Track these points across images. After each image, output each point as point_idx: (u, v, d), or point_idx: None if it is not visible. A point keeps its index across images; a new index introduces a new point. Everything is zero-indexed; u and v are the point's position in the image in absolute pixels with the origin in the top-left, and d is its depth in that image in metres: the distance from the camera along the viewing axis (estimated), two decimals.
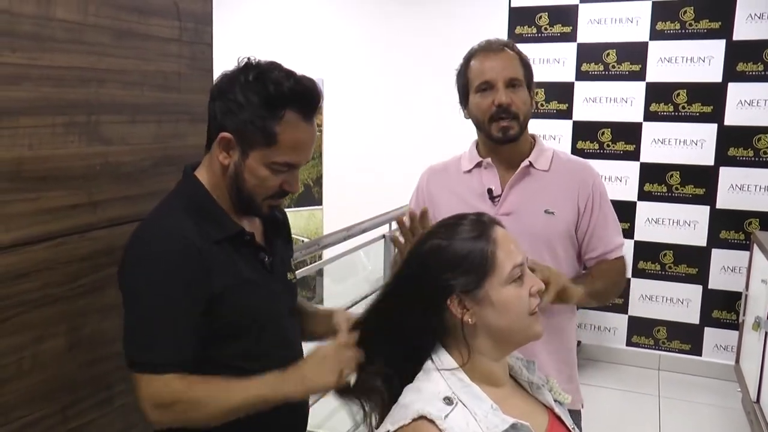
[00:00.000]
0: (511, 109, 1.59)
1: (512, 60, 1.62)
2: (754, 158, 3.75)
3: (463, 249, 1.07)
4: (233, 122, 1.18)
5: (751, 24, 3.67)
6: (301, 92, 1.17)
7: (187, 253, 1.16)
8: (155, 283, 1.15)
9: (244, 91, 1.16)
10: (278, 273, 1.33)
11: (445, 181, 1.74)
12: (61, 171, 1.26)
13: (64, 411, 1.30)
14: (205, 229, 1.20)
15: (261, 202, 1.24)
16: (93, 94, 1.32)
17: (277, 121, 1.15)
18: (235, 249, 1.23)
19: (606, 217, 1.68)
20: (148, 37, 1.45)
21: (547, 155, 1.68)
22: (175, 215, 1.20)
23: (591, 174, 1.69)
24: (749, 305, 3.51)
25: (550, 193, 1.63)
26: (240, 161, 1.19)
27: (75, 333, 1.32)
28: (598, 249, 1.67)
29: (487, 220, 1.12)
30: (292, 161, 1.20)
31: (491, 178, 1.67)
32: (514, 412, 1.07)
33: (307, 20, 4.73)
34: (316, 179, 4.95)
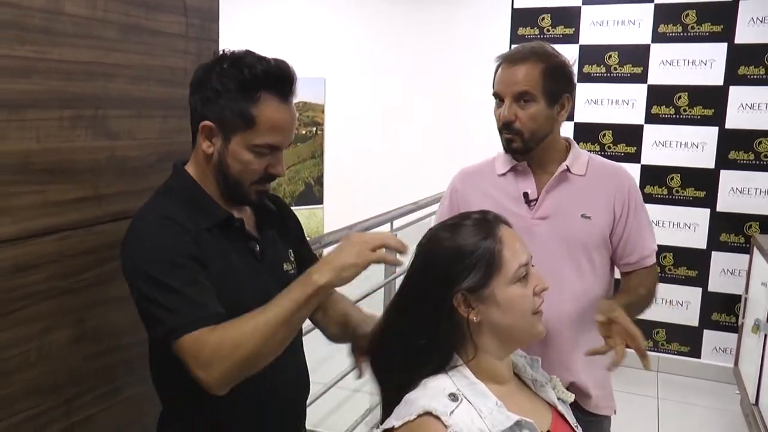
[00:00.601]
0: (514, 125, 1.57)
1: (529, 72, 1.55)
2: (754, 161, 3.76)
3: (470, 248, 1.08)
4: (212, 110, 1.20)
5: (753, 28, 3.68)
6: (274, 74, 1.19)
7: (181, 232, 1.18)
8: (159, 258, 1.14)
9: (220, 78, 1.19)
10: (269, 262, 1.33)
11: (480, 183, 1.72)
12: (67, 164, 1.27)
13: (69, 403, 1.31)
14: (195, 217, 1.21)
15: (248, 188, 1.25)
16: (100, 89, 1.33)
17: (253, 103, 1.18)
18: (224, 236, 1.25)
19: (641, 222, 1.66)
20: (155, 33, 1.45)
21: (582, 160, 1.66)
22: (165, 204, 1.22)
23: (627, 178, 1.67)
24: (749, 308, 3.52)
25: (587, 198, 1.62)
26: (223, 147, 1.21)
27: (80, 325, 1.32)
28: (635, 254, 1.65)
29: (493, 219, 1.12)
30: (273, 142, 1.21)
31: (527, 182, 1.64)
32: (518, 410, 1.08)
33: (310, 20, 4.74)
34: (317, 178, 4.96)
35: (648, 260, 1.66)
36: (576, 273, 1.60)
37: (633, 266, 1.66)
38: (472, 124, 4.36)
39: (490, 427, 1.03)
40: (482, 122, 4.40)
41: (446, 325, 1.08)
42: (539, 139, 1.59)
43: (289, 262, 1.40)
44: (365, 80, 4.68)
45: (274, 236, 1.37)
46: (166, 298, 1.12)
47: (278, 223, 1.39)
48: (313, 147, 4.93)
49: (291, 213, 1.48)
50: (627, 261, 1.66)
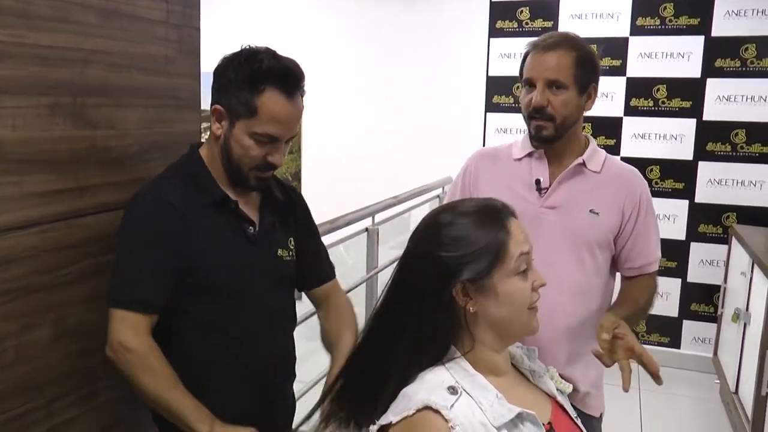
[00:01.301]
0: (546, 110, 1.55)
1: (561, 59, 1.55)
2: (731, 153, 3.80)
3: (477, 237, 1.04)
4: (224, 97, 1.32)
5: (729, 21, 3.71)
6: (279, 71, 1.30)
7: (168, 215, 1.28)
8: (135, 236, 1.28)
9: (235, 70, 1.31)
10: (263, 247, 1.40)
11: (494, 166, 1.71)
12: (46, 154, 1.22)
13: (50, 404, 1.25)
14: (193, 194, 1.32)
15: (247, 172, 1.34)
16: (79, 75, 1.27)
17: (257, 95, 1.28)
18: (220, 215, 1.35)
19: (649, 228, 1.65)
20: (135, 18, 1.40)
21: (599, 157, 1.65)
22: (167, 182, 1.33)
23: (641, 182, 1.67)
24: (728, 298, 3.56)
25: (598, 195, 1.60)
26: (228, 131, 1.33)
27: (61, 323, 1.27)
28: (639, 260, 1.64)
29: (502, 208, 1.09)
30: (272, 132, 1.31)
31: (541, 170, 1.63)
32: (518, 401, 1.05)
33: (287, 16, 4.68)
34: (294, 173, 4.91)
35: (651, 267, 1.66)
36: (577, 266, 1.58)
37: (636, 271, 1.65)
38: (451, 118, 4.35)
39: (492, 420, 1.01)
40: (461, 116, 4.42)
41: (444, 314, 1.05)
42: (568, 127, 1.59)
43: (287, 249, 1.46)
44: (343, 75, 4.63)
45: (274, 223, 1.44)
46: (124, 272, 1.27)
47: (283, 212, 1.47)
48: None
49: (302, 205, 1.55)
50: (631, 265, 1.65)
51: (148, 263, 1.26)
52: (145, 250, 1.27)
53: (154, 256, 1.27)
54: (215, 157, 1.36)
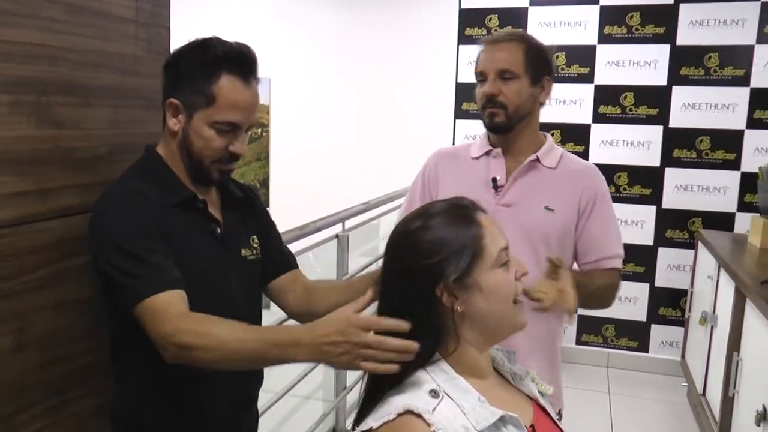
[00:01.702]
0: (498, 99, 1.59)
1: (512, 51, 1.59)
2: (696, 159, 3.87)
3: (451, 236, 1.03)
4: (178, 89, 1.26)
5: (693, 30, 3.79)
6: (234, 55, 1.26)
7: (146, 207, 1.22)
8: (135, 227, 1.19)
9: (186, 60, 1.27)
10: (230, 247, 1.36)
11: (453, 166, 1.73)
12: (5, 154, 1.16)
13: (12, 418, 1.19)
14: (161, 194, 1.26)
15: (210, 166, 1.29)
16: (44, 72, 1.22)
17: (214, 81, 1.24)
18: (188, 215, 1.29)
19: (605, 224, 1.65)
20: (103, 15, 1.36)
21: (555, 154, 1.68)
22: (133, 180, 1.27)
23: (598, 178, 1.68)
24: (695, 301, 3.61)
25: (553, 191, 1.62)
26: (186, 124, 1.27)
27: (23, 333, 1.21)
28: (595, 254, 1.65)
29: (470, 205, 1.08)
30: (233, 120, 1.26)
31: (498, 168, 1.66)
32: (500, 404, 1.03)
33: (254, 19, 4.64)
34: (262, 180, 4.85)
35: (606, 262, 1.65)
36: (534, 263, 1.57)
37: (592, 265, 1.65)
38: (421, 125, 4.35)
39: (474, 423, 0.99)
40: (431, 122, 4.41)
41: (432, 318, 1.03)
42: (521, 117, 1.62)
43: (250, 248, 1.41)
44: (311, 81, 4.60)
45: (237, 221, 1.39)
46: (131, 266, 1.17)
47: (243, 210, 1.42)
48: (258, 149, 4.81)
49: (259, 202, 1.50)
50: (586, 260, 1.66)
51: (154, 246, 1.19)
52: (143, 236, 1.19)
53: (154, 240, 1.20)
54: (174, 155, 1.30)
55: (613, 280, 1.65)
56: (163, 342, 1.12)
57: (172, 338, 1.11)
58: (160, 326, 1.13)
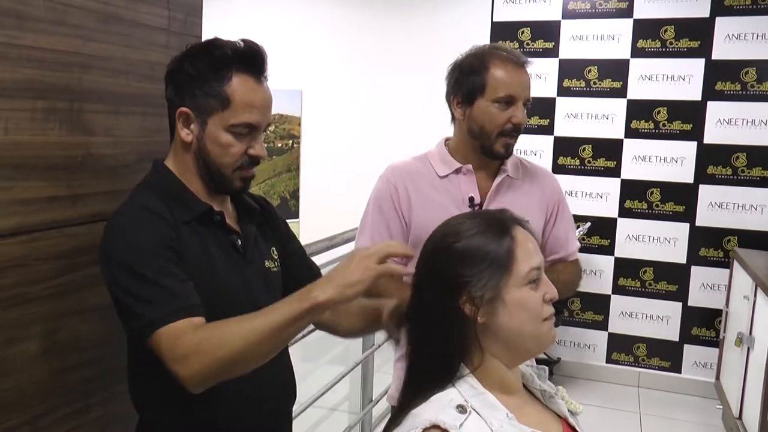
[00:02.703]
0: (520, 128, 1.60)
1: (529, 78, 1.62)
2: (732, 176, 3.78)
3: (482, 245, 1.01)
4: (188, 96, 1.19)
5: (729, 44, 3.72)
6: (244, 53, 1.19)
7: (160, 225, 1.15)
8: (148, 247, 1.11)
9: (193, 63, 1.19)
10: (252, 258, 1.29)
11: (420, 184, 1.67)
12: (39, 160, 1.17)
13: (35, 421, 1.19)
14: (174, 210, 1.19)
15: (231, 174, 1.22)
16: (76, 80, 1.24)
17: (226, 82, 1.17)
18: (205, 229, 1.22)
19: (567, 222, 1.74)
20: (135, 24, 1.37)
21: (515, 162, 1.70)
22: (144, 197, 1.19)
23: (554, 181, 1.75)
24: (730, 322, 3.51)
25: (524, 202, 1.64)
26: (201, 133, 1.20)
27: (49, 337, 1.21)
28: (560, 253, 1.73)
29: (509, 218, 1.06)
30: (251, 121, 1.19)
31: (470, 186, 1.63)
32: (528, 422, 1.01)
33: (287, 32, 4.68)
34: (292, 192, 4.87)
35: (572, 256, 1.76)
36: None
37: (555, 262, 1.75)
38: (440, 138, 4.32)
39: None
40: None
41: (454, 326, 1.01)
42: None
43: (272, 259, 1.35)
44: (342, 93, 4.62)
45: (255, 233, 1.33)
46: (144, 289, 1.09)
47: (260, 221, 1.35)
48: (288, 160, 4.84)
49: (275, 213, 1.43)
50: (552, 258, 1.73)
51: (168, 268, 1.11)
52: (157, 257, 1.11)
53: (169, 261, 1.12)
54: (187, 168, 1.22)
55: (577, 271, 1.76)
56: (179, 369, 1.05)
57: (188, 365, 1.04)
58: (172, 353, 1.05)
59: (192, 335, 1.06)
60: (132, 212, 1.16)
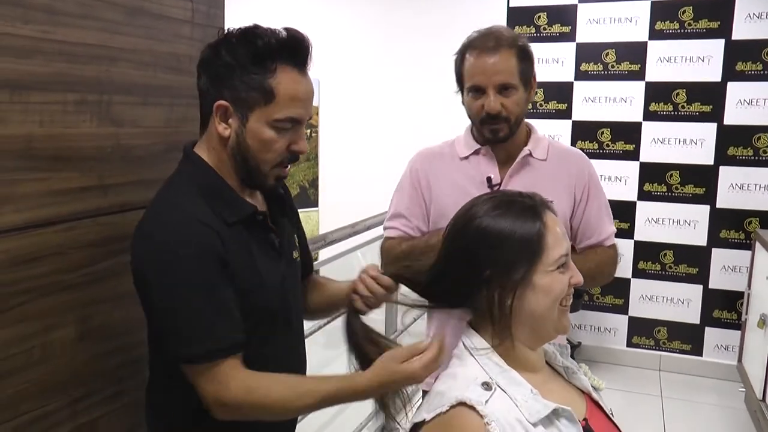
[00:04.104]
0: (501, 115, 1.57)
1: (507, 61, 1.55)
2: (753, 157, 3.75)
3: (515, 228, 1.02)
4: (227, 88, 1.13)
5: (750, 24, 3.67)
6: (290, 43, 1.13)
7: (209, 239, 1.10)
8: (191, 270, 1.08)
9: (232, 52, 1.12)
10: (286, 254, 1.28)
11: (442, 167, 1.70)
12: (72, 151, 1.21)
13: (74, 405, 1.24)
14: (218, 210, 1.15)
15: (269, 172, 1.17)
16: (105, 73, 1.27)
17: (270, 75, 1.11)
18: (247, 230, 1.18)
19: (600, 206, 1.69)
20: (160, 17, 1.40)
21: (543, 144, 1.68)
22: (187, 199, 1.14)
23: (586, 163, 1.70)
24: (752, 303, 3.49)
25: (549, 183, 1.62)
26: (241, 127, 1.13)
27: (85, 323, 1.25)
28: (593, 238, 1.68)
29: (540, 203, 1.07)
30: (295, 115, 1.14)
31: (490, 166, 1.65)
32: (552, 397, 1.03)
33: (303, 21, 4.67)
34: (311, 181, 4.90)
35: (606, 241, 1.70)
36: None
37: (589, 247, 1.70)
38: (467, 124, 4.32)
39: (527, 416, 0.98)
40: None
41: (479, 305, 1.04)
42: (519, 122, 1.63)
43: (297, 249, 1.36)
44: (360, 81, 4.63)
45: (286, 225, 1.33)
46: (199, 318, 1.08)
47: (284, 209, 1.34)
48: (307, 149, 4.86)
49: (291, 198, 1.42)
50: (585, 244, 1.69)
51: (215, 296, 1.09)
52: (204, 283, 1.08)
53: (216, 285, 1.09)
54: (223, 162, 1.17)
55: (609, 257, 1.71)
56: (214, 406, 1.10)
57: (226, 408, 1.10)
58: (214, 393, 1.09)
59: (240, 389, 1.08)
60: (175, 226, 1.10)
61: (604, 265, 1.69)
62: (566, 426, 1.01)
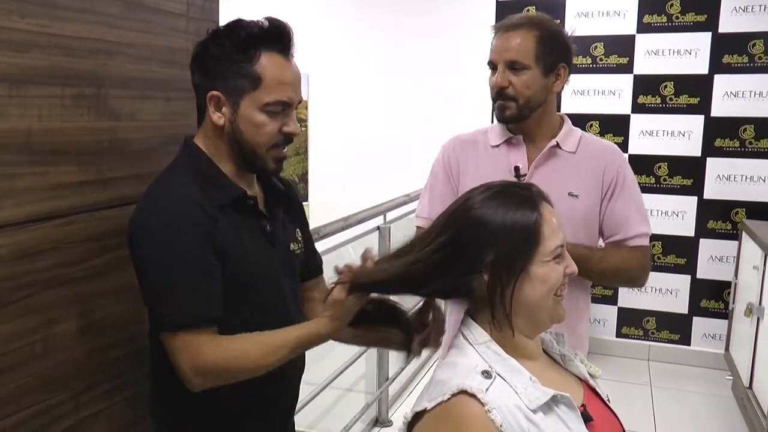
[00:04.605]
0: (507, 92, 1.58)
1: (523, 40, 1.56)
2: (740, 149, 3.80)
3: (516, 218, 1.04)
4: (217, 79, 1.20)
5: (737, 17, 3.72)
6: (271, 31, 1.20)
7: (200, 216, 1.17)
8: (180, 246, 1.15)
9: (219, 45, 1.20)
10: (279, 242, 1.32)
11: (473, 153, 1.72)
12: (70, 145, 1.21)
13: (76, 398, 1.24)
14: (210, 193, 1.21)
15: (265, 154, 1.23)
16: (102, 67, 1.27)
17: (256, 61, 1.18)
18: (238, 214, 1.24)
19: (629, 202, 1.63)
20: (156, 11, 1.40)
21: (575, 136, 1.66)
22: (181, 182, 1.21)
23: (618, 157, 1.66)
24: (739, 293, 3.55)
25: (576, 176, 1.61)
26: (233, 115, 1.20)
27: (86, 316, 1.26)
28: (618, 235, 1.63)
29: (536, 193, 1.08)
30: (284, 98, 1.20)
31: (519, 156, 1.65)
32: (551, 385, 1.05)
33: (292, 15, 4.67)
34: (301, 175, 4.90)
35: (632, 241, 1.62)
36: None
37: (616, 245, 1.64)
38: (457, 118, 4.34)
39: (527, 403, 1.00)
40: (468, 114, 4.40)
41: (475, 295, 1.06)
42: (533, 108, 1.60)
43: (296, 242, 1.39)
44: (349, 75, 4.64)
45: (282, 216, 1.36)
46: (181, 289, 1.14)
47: (286, 203, 1.38)
48: (297, 144, 4.86)
49: (297, 195, 1.46)
50: (612, 240, 1.65)
51: (197, 270, 1.15)
52: (189, 256, 1.15)
53: (200, 260, 1.16)
54: (220, 150, 1.24)
55: (636, 258, 1.63)
56: (190, 374, 1.14)
57: (202, 373, 1.14)
58: (189, 361, 1.14)
59: (214, 351, 1.14)
60: (168, 202, 1.17)
61: (625, 266, 1.63)
62: (565, 412, 1.03)
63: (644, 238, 1.63)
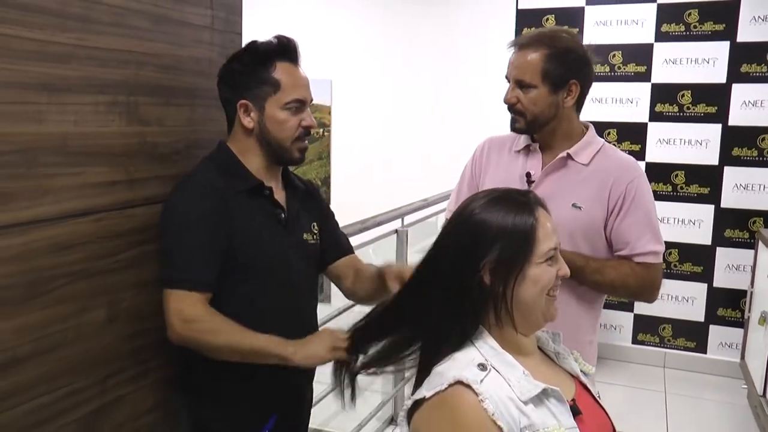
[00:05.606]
0: (516, 107, 1.65)
1: (530, 59, 1.60)
2: (758, 158, 3.80)
3: (516, 222, 1.11)
4: (243, 89, 1.44)
5: (755, 26, 3.73)
6: (282, 44, 1.45)
7: (213, 199, 1.39)
8: (191, 220, 1.37)
9: (240, 62, 1.45)
10: (292, 231, 1.52)
11: (496, 157, 1.79)
12: (103, 148, 1.31)
13: (104, 382, 1.34)
14: (230, 181, 1.43)
15: (291, 146, 1.47)
16: (132, 76, 1.37)
17: (273, 70, 1.43)
18: (254, 201, 1.45)
19: (636, 222, 1.61)
20: (182, 24, 1.50)
21: (592, 149, 1.66)
22: (206, 171, 1.44)
23: (629, 174, 1.63)
24: (755, 301, 3.55)
25: (582, 188, 1.63)
26: (260, 116, 1.45)
27: (114, 306, 1.36)
28: (624, 250, 1.63)
29: (533, 199, 1.15)
30: (300, 97, 1.45)
31: (534, 163, 1.70)
32: (543, 379, 1.11)
33: (316, 22, 4.79)
34: (324, 179, 5.00)
35: (637, 258, 1.62)
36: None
37: (623, 260, 1.64)
38: (478, 124, 4.40)
39: (519, 395, 1.07)
40: (488, 122, 4.45)
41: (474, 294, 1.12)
42: (542, 123, 1.65)
43: (311, 233, 1.57)
44: (371, 82, 4.73)
45: (299, 208, 1.56)
46: (185, 255, 1.36)
47: (305, 199, 1.59)
48: (320, 148, 4.97)
49: (319, 195, 1.67)
50: (619, 255, 1.65)
51: (199, 243, 1.36)
52: (194, 231, 1.36)
53: (203, 236, 1.36)
54: (249, 149, 1.47)
55: (638, 275, 1.62)
56: (174, 319, 1.33)
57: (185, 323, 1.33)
58: (177, 310, 1.33)
59: (198, 309, 1.34)
60: (193, 185, 1.41)
61: (623, 281, 1.62)
62: (555, 405, 1.09)
63: (651, 256, 1.62)
